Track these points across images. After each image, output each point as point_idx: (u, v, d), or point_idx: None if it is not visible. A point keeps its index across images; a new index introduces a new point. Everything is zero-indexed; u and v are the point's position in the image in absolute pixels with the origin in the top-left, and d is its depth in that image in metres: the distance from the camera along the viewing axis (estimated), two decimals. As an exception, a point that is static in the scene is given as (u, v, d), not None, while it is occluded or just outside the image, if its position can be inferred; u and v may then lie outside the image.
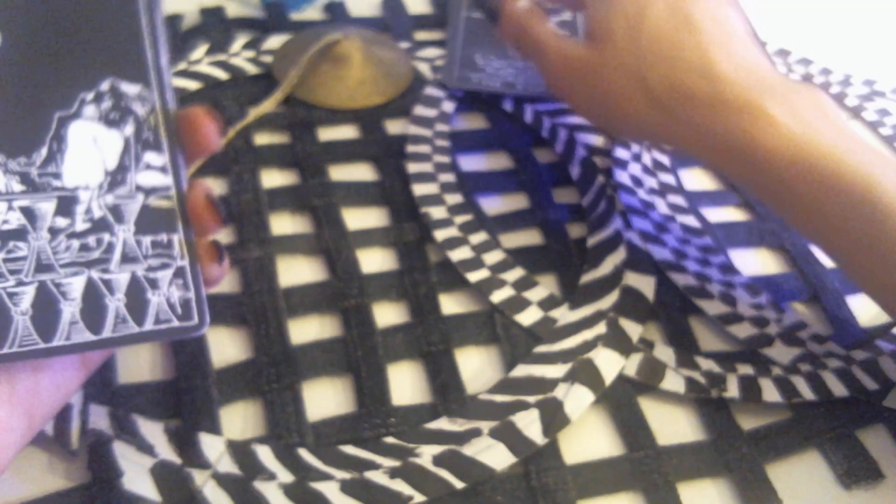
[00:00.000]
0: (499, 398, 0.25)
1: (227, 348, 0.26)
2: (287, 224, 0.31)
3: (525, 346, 0.27)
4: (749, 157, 0.24)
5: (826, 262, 0.32)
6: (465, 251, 0.30)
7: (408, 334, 0.27)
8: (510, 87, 0.38)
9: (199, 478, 0.22)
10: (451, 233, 0.31)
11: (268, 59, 0.38)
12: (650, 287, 0.30)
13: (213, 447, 0.23)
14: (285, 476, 0.23)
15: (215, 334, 0.27)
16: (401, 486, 0.23)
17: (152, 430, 0.23)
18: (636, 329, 0.28)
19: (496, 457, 0.24)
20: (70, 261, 0.19)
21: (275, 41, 0.40)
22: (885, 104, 0.43)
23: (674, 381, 0.26)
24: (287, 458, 0.23)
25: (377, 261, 0.30)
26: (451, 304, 0.29)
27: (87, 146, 0.20)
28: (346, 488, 0.22)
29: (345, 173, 0.34)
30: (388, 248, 0.31)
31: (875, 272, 0.24)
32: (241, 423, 0.25)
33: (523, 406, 0.25)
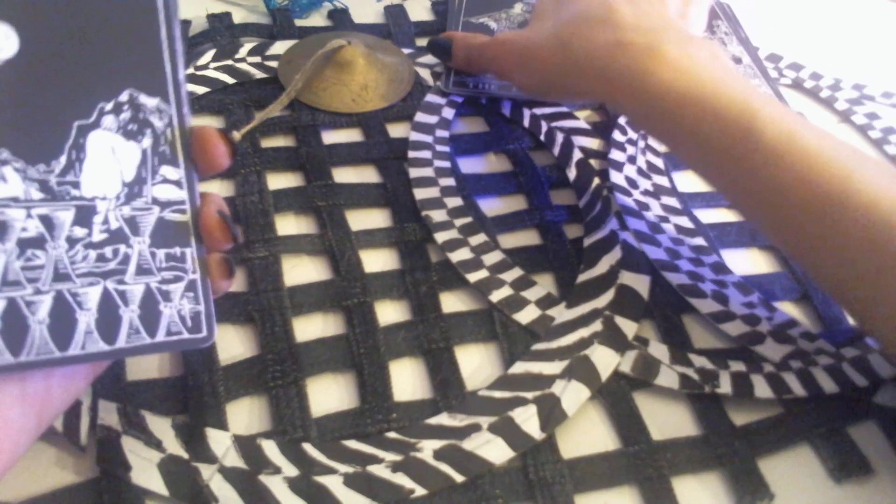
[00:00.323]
0: (498, 394, 0.26)
1: (233, 345, 0.27)
2: (292, 225, 0.32)
3: (523, 344, 0.28)
4: (646, 92, 0.27)
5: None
6: (465, 252, 0.30)
7: (409, 332, 0.28)
8: (506, 89, 0.38)
9: (205, 472, 0.22)
10: (452, 235, 0.31)
11: (273, 64, 0.39)
12: (645, 286, 0.30)
13: (219, 442, 0.23)
14: (290, 470, 0.23)
15: (222, 332, 0.27)
16: (402, 480, 0.23)
17: (160, 426, 0.23)
18: (631, 327, 0.28)
19: (495, 451, 0.24)
20: (86, 271, 0.19)
21: (280, 47, 0.40)
22: (875, 108, 0.43)
23: (668, 378, 0.27)
24: (292, 453, 0.23)
25: (379, 260, 0.30)
26: (451, 303, 0.29)
27: (106, 156, 0.20)
28: (349, 482, 0.23)
29: (348, 175, 0.34)
30: (390, 248, 0.31)
31: (754, 197, 0.26)
32: (246, 418, 0.25)
33: (521, 402, 0.25)
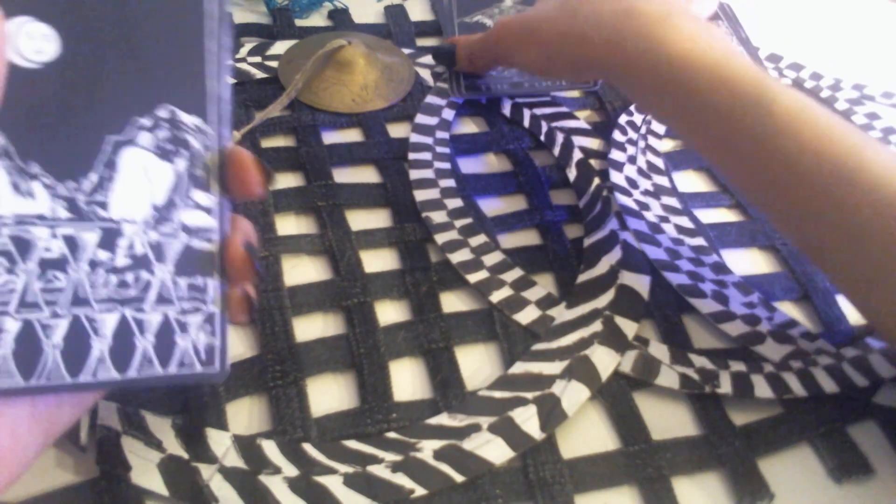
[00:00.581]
0: (498, 394, 0.26)
1: (233, 345, 0.27)
2: (292, 225, 0.32)
3: (523, 344, 0.28)
4: (659, 58, 0.27)
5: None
6: (465, 253, 0.30)
7: (409, 332, 0.28)
8: (518, 87, 0.38)
9: (205, 472, 0.22)
10: (452, 236, 0.31)
11: (274, 64, 0.39)
12: (645, 286, 0.30)
13: (219, 442, 0.23)
14: (290, 470, 0.23)
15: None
16: (402, 480, 0.23)
17: (160, 426, 0.23)
18: (631, 327, 0.28)
19: (495, 451, 0.24)
20: (106, 296, 0.18)
21: (280, 47, 0.40)
22: (875, 108, 0.43)
23: (668, 378, 0.27)
24: (292, 453, 0.23)
25: (379, 260, 0.30)
26: (451, 303, 0.29)
27: (138, 177, 0.18)
28: (349, 482, 0.23)
29: (348, 176, 0.34)
30: (390, 248, 0.31)
31: (763, 170, 0.26)
32: (246, 418, 0.25)
33: (521, 402, 0.25)
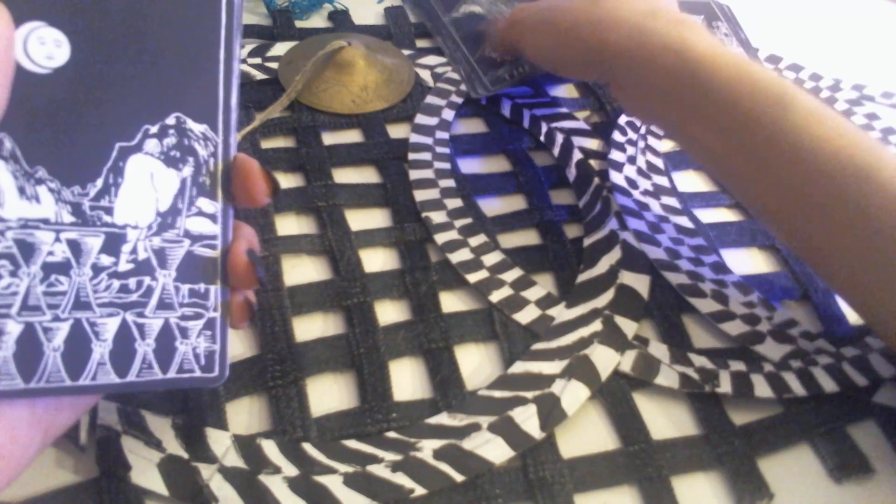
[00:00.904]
0: (497, 394, 0.26)
1: (233, 345, 0.27)
2: (292, 225, 0.32)
3: (523, 344, 0.28)
4: (684, 52, 0.28)
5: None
6: (465, 253, 0.31)
7: (409, 332, 0.28)
8: (536, 69, 0.37)
9: (205, 472, 0.22)
10: (452, 236, 0.31)
11: (274, 65, 0.39)
12: (644, 286, 0.30)
13: (219, 442, 0.23)
14: (290, 469, 0.23)
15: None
16: (402, 480, 0.23)
17: (160, 426, 0.23)
18: (631, 326, 0.28)
19: (495, 451, 0.24)
20: (108, 301, 0.19)
21: (280, 48, 0.40)
22: (875, 108, 0.43)
23: (668, 377, 0.27)
24: (292, 452, 0.23)
25: (379, 260, 0.30)
26: (451, 303, 0.29)
27: (144, 183, 0.19)
28: (349, 481, 0.23)
29: (348, 176, 0.34)
30: (390, 248, 0.31)
31: (779, 167, 0.26)
32: (246, 418, 0.25)
33: (521, 401, 0.25)
